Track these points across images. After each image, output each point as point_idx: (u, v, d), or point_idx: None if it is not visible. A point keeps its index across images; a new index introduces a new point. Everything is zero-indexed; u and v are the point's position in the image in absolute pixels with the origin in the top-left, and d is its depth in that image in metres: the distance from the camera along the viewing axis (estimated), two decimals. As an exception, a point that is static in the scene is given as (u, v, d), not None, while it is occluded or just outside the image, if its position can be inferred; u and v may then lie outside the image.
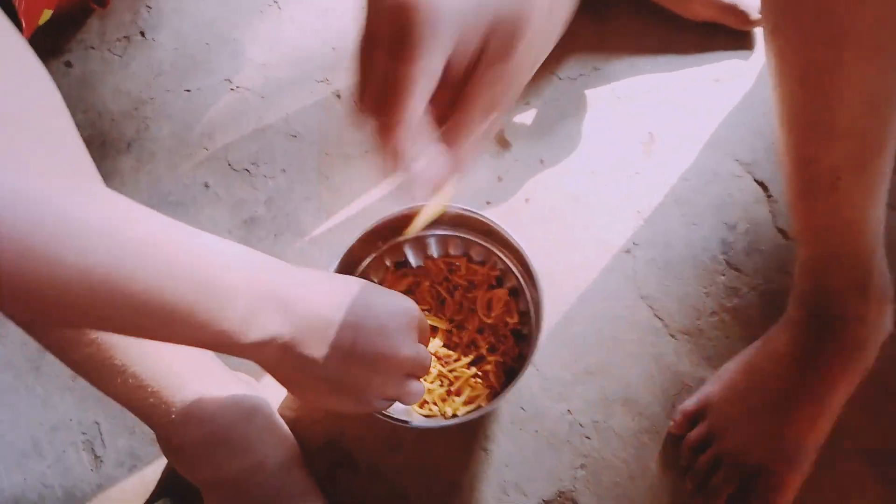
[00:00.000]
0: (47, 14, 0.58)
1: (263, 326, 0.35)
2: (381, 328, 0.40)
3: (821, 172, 0.42)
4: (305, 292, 0.38)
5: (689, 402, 0.54)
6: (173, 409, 0.44)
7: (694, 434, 0.53)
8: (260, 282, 0.36)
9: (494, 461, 0.55)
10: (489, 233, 0.55)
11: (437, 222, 0.55)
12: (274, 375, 0.40)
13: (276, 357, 0.37)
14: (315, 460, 0.56)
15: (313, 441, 0.56)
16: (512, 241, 0.53)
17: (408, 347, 0.41)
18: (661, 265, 0.60)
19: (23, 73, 0.33)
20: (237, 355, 0.36)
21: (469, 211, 0.54)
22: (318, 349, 0.38)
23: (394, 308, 0.42)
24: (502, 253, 0.55)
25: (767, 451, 0.49)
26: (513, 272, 0.55)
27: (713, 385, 0.54)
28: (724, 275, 0.59)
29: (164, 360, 0.44)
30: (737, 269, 0.59)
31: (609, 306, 0.59)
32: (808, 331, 0.49)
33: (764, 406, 0.50)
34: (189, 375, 0.45)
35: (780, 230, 0.60)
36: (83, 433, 0.58)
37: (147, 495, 0.55)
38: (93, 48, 0.71)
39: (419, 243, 0.57)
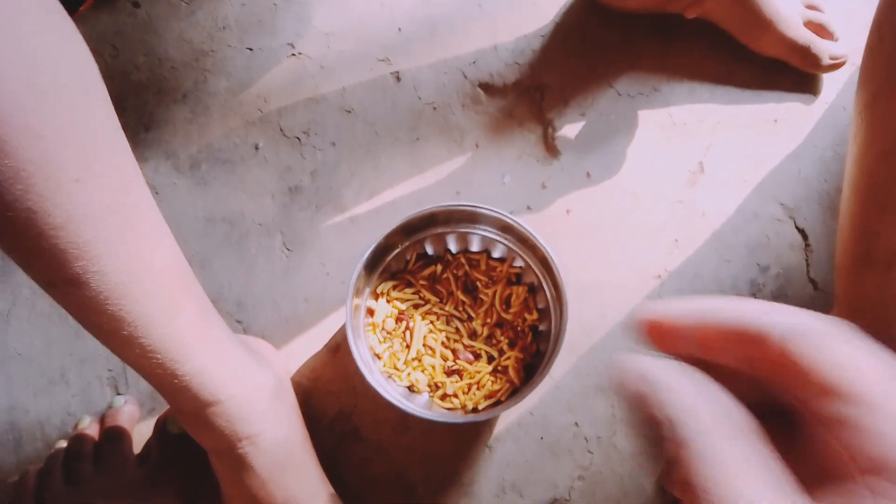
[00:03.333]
0: None
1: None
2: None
3: (879, 248, 0.42)
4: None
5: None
6: (177, 379, 0.45)
7: None
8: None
9: (497, 459, 0.57)
10: (508, 230, 0.56)
11: (456, 220, 0.57)
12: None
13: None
14: (325, 430, 0.58)
15: (326, 412, 0.58)
16: (532, 238, 0.55)
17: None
18: (688, 296, 0.60)
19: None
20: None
21: (489, 209, 0.55)
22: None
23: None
24: (522, 251, 0.57)
25: None
26: (532, 270, 0.56)
27: None
28: (747, 315, 0.60)
29: (174, 330, 0.44)
30: (761, 312, 0.60)
31: (630, 329, 0.60)
32: None
33: None
34: (197, 345, 0.45)
35: (812, 280, 0.61)
36: (109, 370, 0.60)
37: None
38: (161, -10, 0.72)
39: (439, 240, 0.58)
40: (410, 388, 0.57)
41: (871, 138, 0.40)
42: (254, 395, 0.49)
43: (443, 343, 0.58)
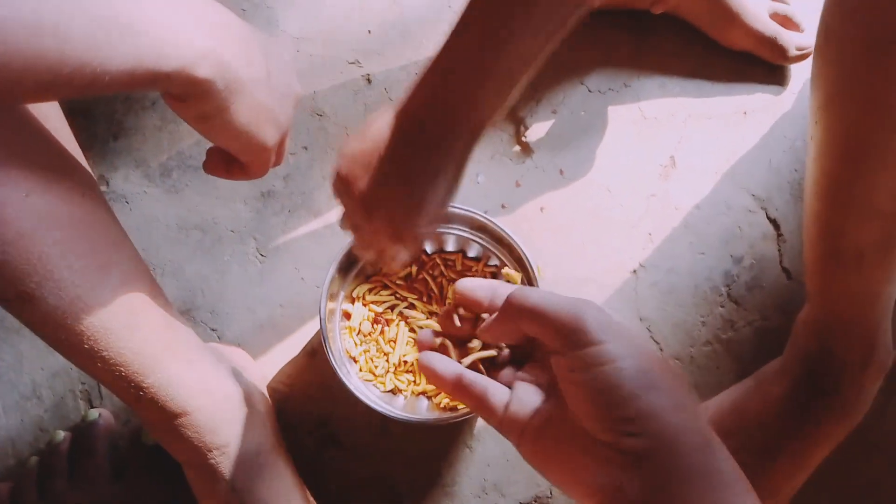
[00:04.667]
0: None
1: (189, 42, 0.34)
2: (282, 66, 0.42)
3: (846, 246, 0.42)
4: (228, 16, 0.38)
5: (672, 428, 0.56)
6: (142, 391, 0.44)
7: None
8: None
9: (477, 459, 0.57)
10: (483, 229, 0.56)
11: None
12: (195, 107, 0.37)
13: (210, 77, 0.35)
14: (304, 437, 0.57)
15: (304, 418, 0.58)
16: (507, 237, 0.55)
17: (299, 86, 0.45)
18: (664, 289, 0.61)
19: None
20: (157, 87, 0.34)
21: (463, 208, 0.55)
22: (243, 70, 0.37)
23: (280, 54, 0.44)
24: (497, 249, 0.56)
25: None
26: (508, 268, 0.56)
27: None
28: (723, 306, 0.60)
29: (135, 342, 0.43)
30: (736, 303, 0.60)
31: (608, 323, 0.60)
32: (803, 386, 0.50)
33: (745, 450, 0.51)
34: (161, 357, 0.45)
35: (785, 269, 0.61)
36: (82, 383, 0.59)
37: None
38: None
39: None
40: (391, 392, 0.57)
41: (828, 140, 0.41)
42: (223, 405, 0.48)
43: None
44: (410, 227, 0.43)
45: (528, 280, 0.54)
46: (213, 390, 0.47)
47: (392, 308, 0.58)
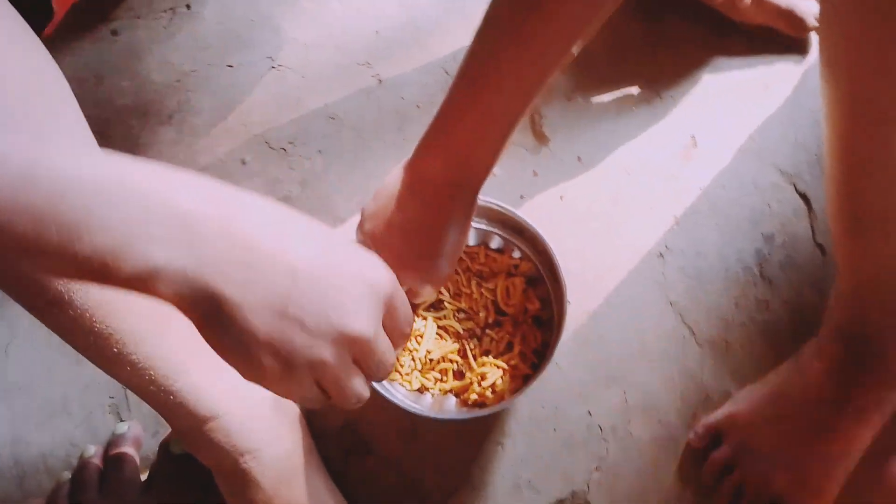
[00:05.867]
0: None
1: (143, 250, 0.25)
2: (333, 286, 0.29)
3: (869, 209, 0.40)
4: (228, 212, 0.27)
5: (713, 418, 0.53)
6: (171, 395, 0.44)
7: (718, 456, 0.52)
8: (152, 194, 0.26)
9: (510, 457, 0.55)
10: (503, 221, 0.55)
11: None
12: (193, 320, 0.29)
13: (174, 296, 0.27)
14: (331, 443, 0.56)
15: (331, 424, 0.57)
16: (528, 227, 0.54)
17: (363, 322, 0.30)
18: (693, 273, 0.59)
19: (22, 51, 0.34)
20: (121, 287, 0.26)
21: (483, 200, 0.54)
22: (236, 290, 0.27)
23: (358, 266, 0.30)
24: (519, 241, 0.55)
25: (793, 482, 0.49)
26: (531, 260, 0.55)
27: (739, 404, 0.53)
28: (756, 286, 0.58)
29: (164, 347, 0.43)
30: (770, 282, 0.58)
31: (637, 311, 0.58)
32: (843, 363, 0.48)
33: (792, 435, 0.49)
34: (190, 361, 0.44)
35: (819, 245, 0.59)
36: (111, 396, 0.59)
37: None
38: (139, 17, 0.72)
39: None
40: (418, 391, 0.55)
41: (839, 100, 0.39)
42: (253, 409, 0.48)
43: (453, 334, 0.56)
44: (415, 274, 0.46)
45: (552, 270, 0.53)
46: (242, 394, 0.47)
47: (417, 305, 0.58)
